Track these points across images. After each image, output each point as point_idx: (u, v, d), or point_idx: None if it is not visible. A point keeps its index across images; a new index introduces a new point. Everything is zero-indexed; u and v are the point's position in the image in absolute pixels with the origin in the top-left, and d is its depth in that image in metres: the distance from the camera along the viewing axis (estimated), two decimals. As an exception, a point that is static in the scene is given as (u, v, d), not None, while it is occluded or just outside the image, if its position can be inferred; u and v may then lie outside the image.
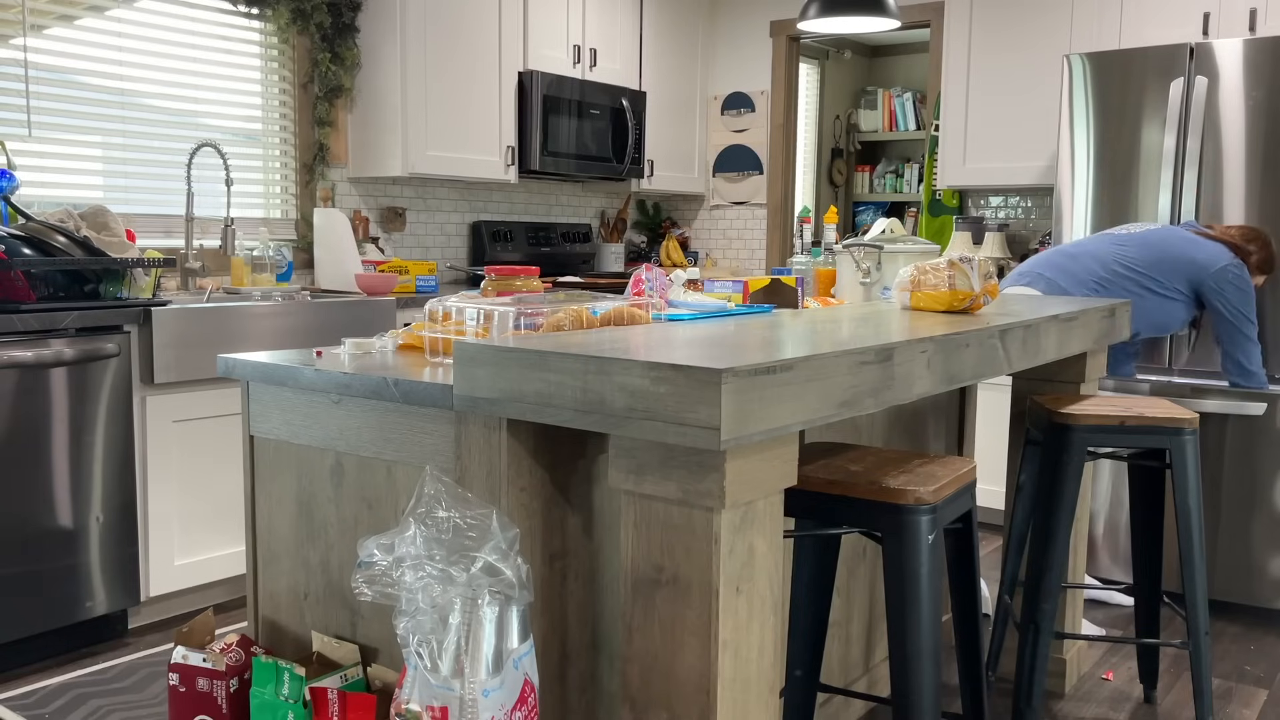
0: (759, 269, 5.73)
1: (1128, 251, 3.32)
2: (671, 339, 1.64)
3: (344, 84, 4.29)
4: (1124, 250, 3.33)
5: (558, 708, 1.71)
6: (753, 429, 1.38)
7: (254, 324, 3.30)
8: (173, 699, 1.84)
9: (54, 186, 3.58)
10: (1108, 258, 3.32)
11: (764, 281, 2.55)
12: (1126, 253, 3.32)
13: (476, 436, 1.61)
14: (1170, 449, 2.48)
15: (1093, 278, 3.28)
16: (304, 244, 4.31)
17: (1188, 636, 2.52)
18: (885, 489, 1.71)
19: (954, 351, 1.89)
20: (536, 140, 4.67)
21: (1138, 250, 3.32)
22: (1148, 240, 3.34)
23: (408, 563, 1.47)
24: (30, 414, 2.85)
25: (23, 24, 3.46)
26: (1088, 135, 3.91)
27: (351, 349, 1.96)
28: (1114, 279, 3.28)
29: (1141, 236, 3.37)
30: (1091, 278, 3.28)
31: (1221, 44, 3.62)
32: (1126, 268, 3.29)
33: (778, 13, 5.58)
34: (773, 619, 1.54)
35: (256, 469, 1.99)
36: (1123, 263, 3.30)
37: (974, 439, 3.15)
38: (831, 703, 2.54)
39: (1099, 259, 3.32)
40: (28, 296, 2.92)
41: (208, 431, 3.25)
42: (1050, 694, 2.88)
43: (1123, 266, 3.30)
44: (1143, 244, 3.34)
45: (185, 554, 3.23)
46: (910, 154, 7.27)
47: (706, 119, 5.81)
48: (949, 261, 2.28)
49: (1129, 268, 3.29)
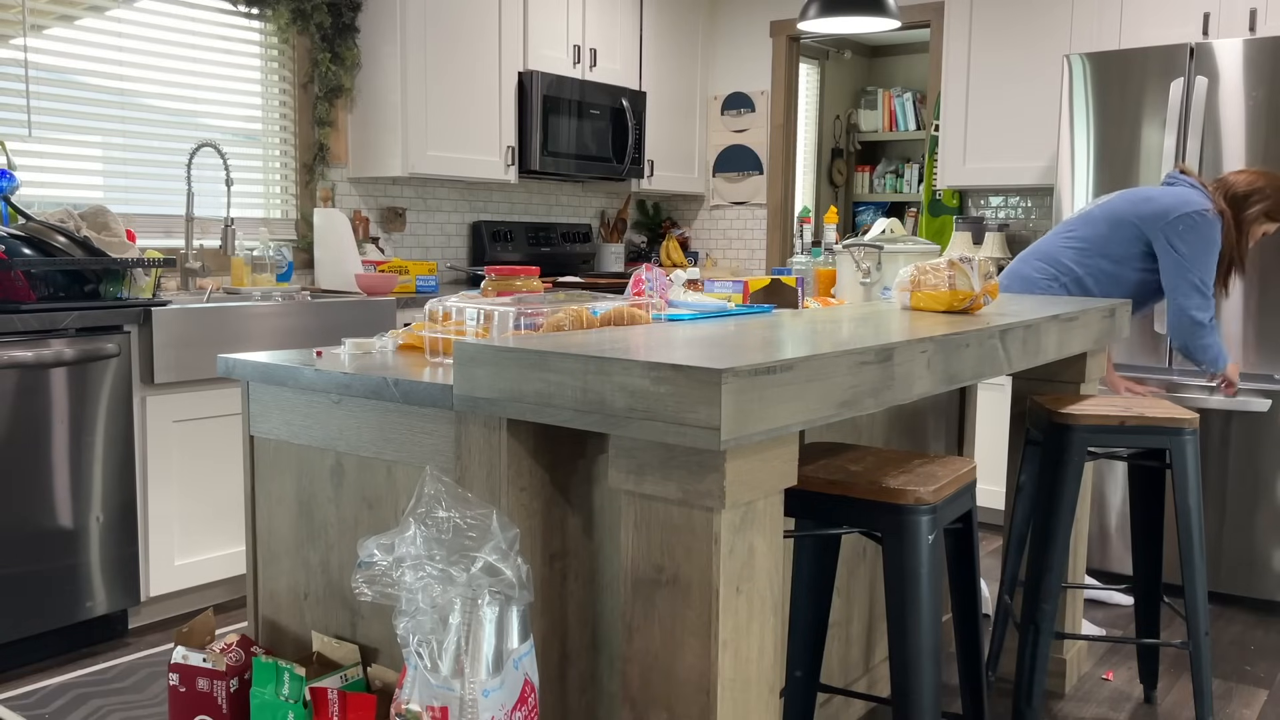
0: (759, 269, 5.73)
1: (1075, 234, 3.11)
2: (671, 339, 1.64)
3: (344, 84, 4.29)
4: (1070, 235, 3.12)
5: (558, 708, 1.71)
6: (753, 429, 1.38)
7: (254, 324, 3.30)
8: (173, 699, 1.84)
9: (54, 186, 3.58)
10: (1053, 249, 3.12)
11: (764, 281, 2.55)
12: (1073, 237, 3.10)
13: (476, 436, 1.61)
14: (1170, 449, 2.48)
15: (1042, 275, 3.10)
16: (304, 244, 4.31)
17: (1188, 636, 2.52)
18: (885, 489, 1.71)
19: (954, 351, 1.89)
20: (536, 140, 4.67)
21: (1085, 227, 3.10)
22: (1091, 215, 3.12)
23: (408, 563, 1.47)
24: (30, 414, 2.85)
25: (23, 24, 3.46)
26: (1088, 135, 3.91)
27: (351, 349, 1.96)
28: (1064, 269, 3.07)
29: (1086, 214, 3.14)
30: (1041, 275, 3.10)
31: (1221, 44, 3.62)
32: (1076, 251, 3.07)
33: (778, 13, 5.58)
34: (773, 619, 1.54)
35: (256, 469, 1.99)
36: (1072, 247, 3.09)
37: (974, 439, 3.15)
38: (831, 703, 2.54)
39: (1044, 255, 3.13)
40: (28, 296, 2.92)
41: (208, 431, 3.25)
42: (1050, 694, 2.88)
43: (1072, 252, 3.08)
44: (1087, 220, 3.12)
45: (185, 554, 3.23)
46: (910, 154, 7.27)
47: (706, 119, 5.81)
48: (949, 261, 2.28)
49: (1079, 251, 3.07)
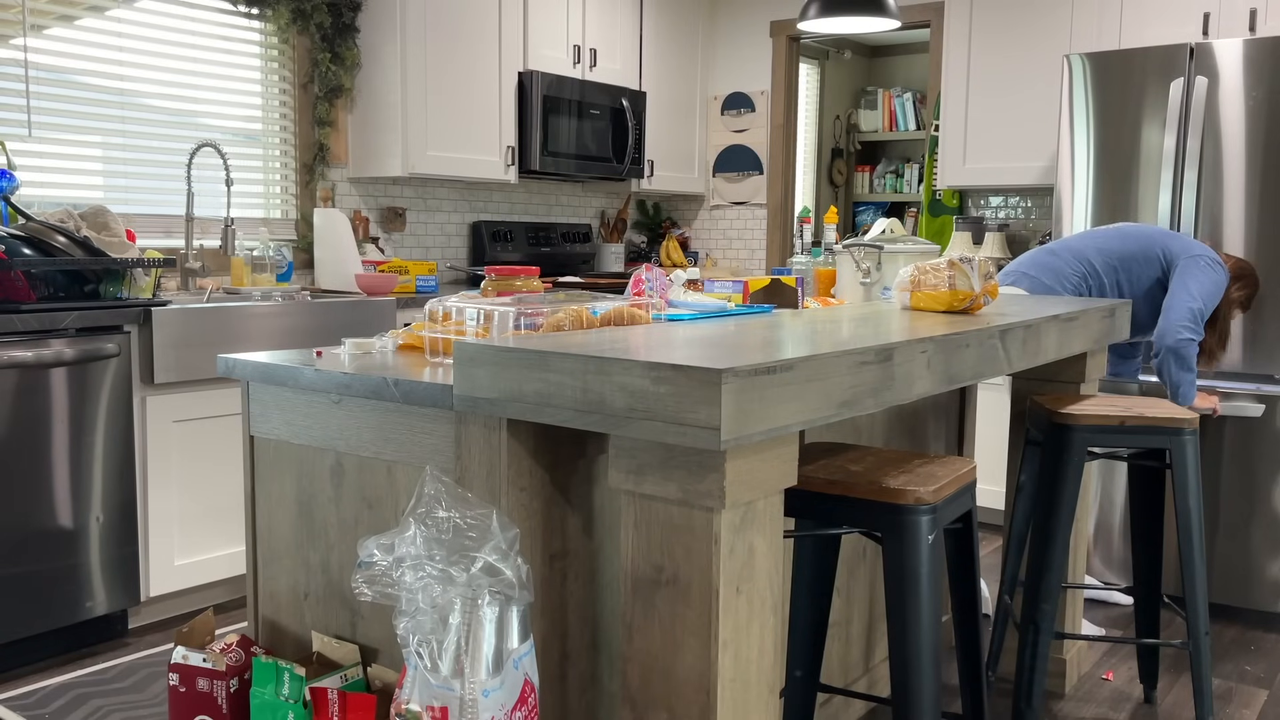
0: (759, 269, 5.73)
1: (1107, 243, 3.31)
2: (671, 339, 1.64)
3: (344, 84, 4.29)
4: (1103, 242, 3.32)
5: (558, 708, 1.71)
6: (753, 429, 1.38)
7: (254, 324, 3.30)
8: (173, 699, 1.84)
9: (54, 186, 3.58)
10: (1087, 250, 3.32)
11: (764, 282, 2.55)
12: (1105, 244, 3.31)
13: (476, 436, 1.61)
14: (1170, 449, 2.48)
15: (1074, 271, 3.28)
16: (304, 244, 4.31)
17: (1188, 637, 2.52)
18: (885, 489, 1.71)
19: (954, 351, 1.89)
20: (536, 140, 4.67)
21: (1118, 241, 3.31)
22: (1126, 231, 3.34)
23: (408, 563, 1.47)
24: (30, 414, 2.85)
25: (23, 24, 3.46)
26: (1088, 135, 3.91)
27: (351, 349, 1.96)
28: (1093, 271, 3.27)
29: (1121, 228, 3.37)
30: (1073, 271, 3.28)
31: (1221, 44, 3.62)
32: (1105, 256, 3.28)
33: (778, 13, 5.58)
34: (773, 619, 1.54)
35: (256, 469, 1.99)
36: (1102, 252, 3.29)
37: (974, 439, 3.15)
38: (831, 703, 2.54)
39: (1077, 253, 3.32)
40: (28, 296, 2.92)
41: (208, 431, 3.25)
42: (1050, 694, 2.88)
43: (1101, 256, 3.28)
44: (1121, 235, 3.33)
45: (185, 554, 3.23)
46: (910, 154, 7.27)
47: (706, 119, 5.81)
48: (949, 261, 2.28)
49: (1107, 257, 3.27)
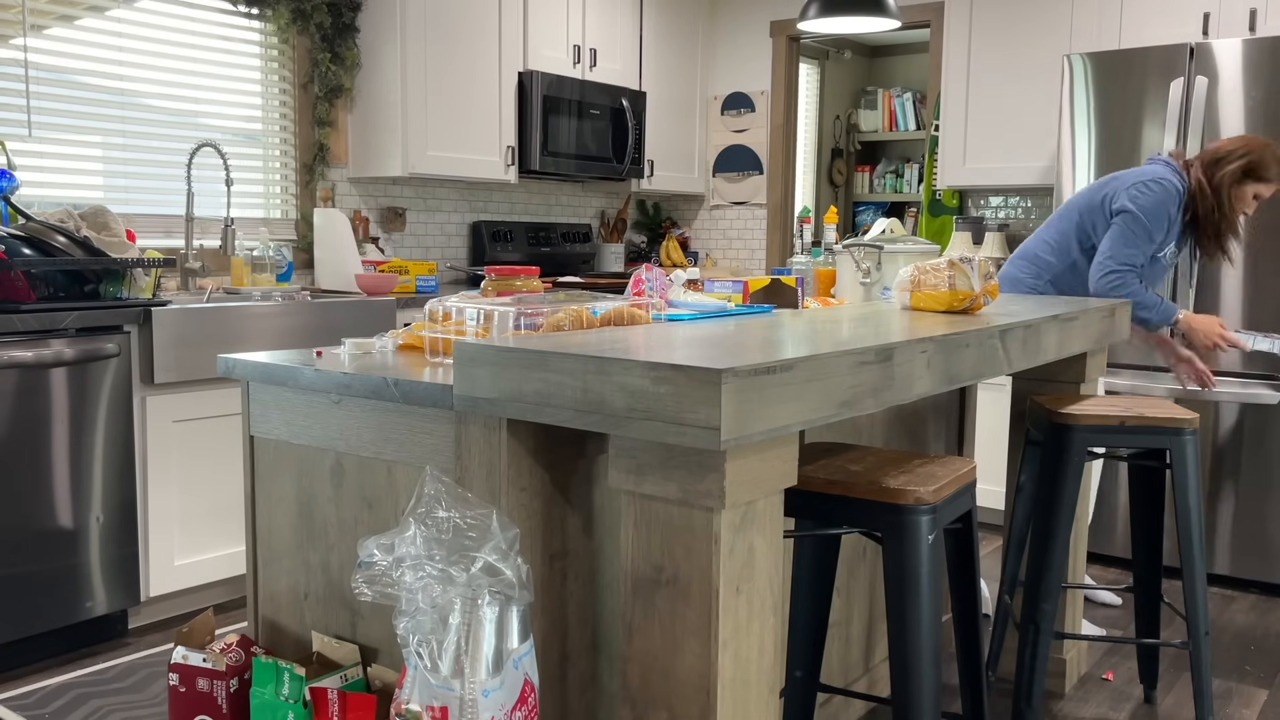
0: (759, 269, 5.73)
1: (1050, 229, 3.23)
2: (671, 339, 1.64)
3: (344, 84, 4.29)
4: (1044, 232, 3.25)
5: (558, 708, 1.71)
6: (753, 429, 1.38)
7: (254, 324, 3.30)
8: (173, 699, 1.84)
9: (54, 186, 3.57)
10: (1035, 249, 3.25)
11: (764, 281, 2.55)
12: (1050, 233, 3.22)
13: (476, 436, 1.61)
14: (1170, 449, 2.48)
15: (1029, 275, 3.22)
16: (304, 244, 4.31)
17: (1188, 636, 2.52)
18: (885, 489, 1.71)
19: (954, 351, 1.89)
20: (536, 140, 4.67)
21: (1058, 222, 3.21)
22: (1064, 208, 3.23)
23: (408, 563, 1.47)
24: (30, 414, 2.85)
25: (23, 24, 3.46)
26: (1088, 135, 3.91)
27: (351, 349, 1.96)
28: (1045, 269, 3.19)
29: (1061, 208, 3.25)
30: (1028, 276, 3.22)
31: (1221, 44, 3.61)
32: (1052, 247, 3.19)
33: (778, 13, 5.58)
34: (773, 619, 1.54)
35: (256, 469, 1.99)
36: (1048, 242, 3.21)
37: (974, 439, 3.15)
38: (831, 703, 2.54)
39: (1028, 254, 3.26)
40: (28, 296, 2.92)
41: (208, 431, 3.25)
42: (1050, 694, 2.88)
43: (1049, 248, 3.20)
44: (1061, 214, 3.22)
45: (185, 554, 3.23)
46: (910, 154, 7.27)
47: (706, 119, 5.81)
48: (949, 261, 2.28)
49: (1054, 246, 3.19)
